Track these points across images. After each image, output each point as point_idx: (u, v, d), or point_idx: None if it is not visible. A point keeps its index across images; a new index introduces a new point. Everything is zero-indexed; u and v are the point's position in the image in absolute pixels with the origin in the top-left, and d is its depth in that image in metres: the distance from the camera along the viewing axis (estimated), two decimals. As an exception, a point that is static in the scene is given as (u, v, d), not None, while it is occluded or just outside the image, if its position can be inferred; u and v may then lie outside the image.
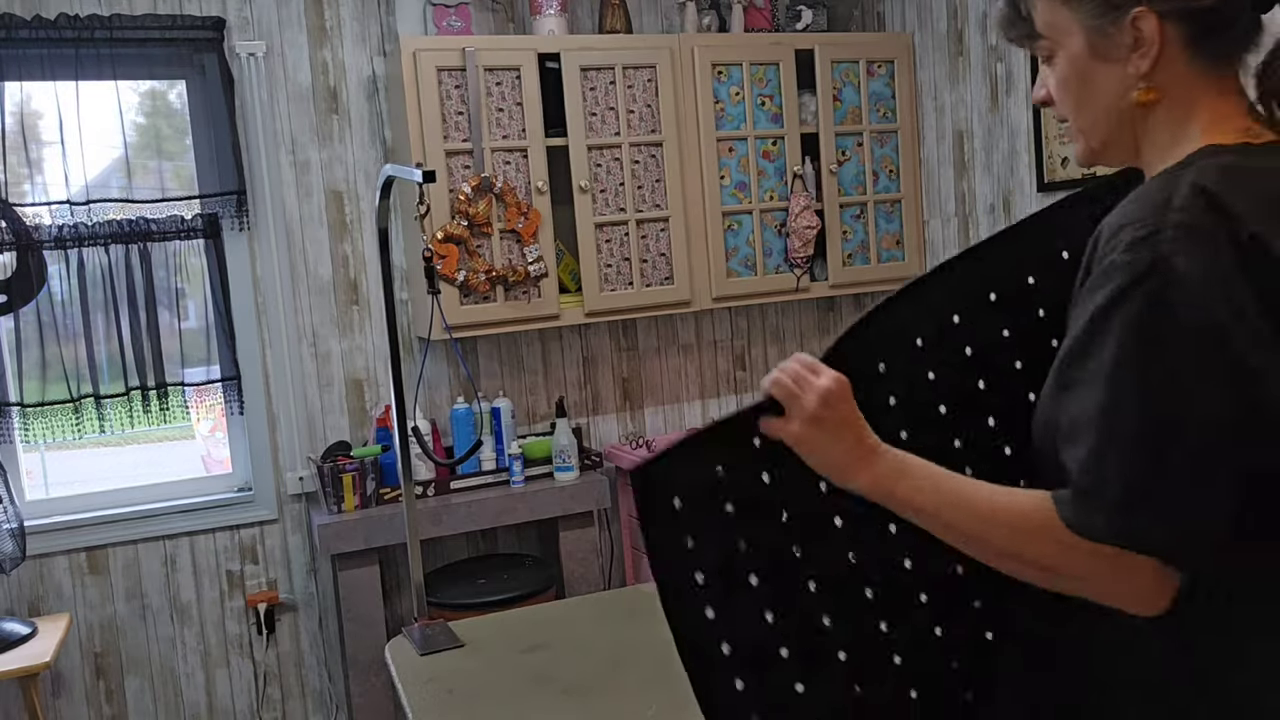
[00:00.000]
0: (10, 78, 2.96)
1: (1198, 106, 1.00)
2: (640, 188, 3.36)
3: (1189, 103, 1.00)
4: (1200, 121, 1.00)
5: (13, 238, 2.98)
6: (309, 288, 3.34)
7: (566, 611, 2.12)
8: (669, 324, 3.78)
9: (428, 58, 3.07)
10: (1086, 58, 1.02)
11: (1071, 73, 1.04)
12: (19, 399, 3.03)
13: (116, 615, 3.20)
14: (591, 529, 3.37)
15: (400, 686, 1.81)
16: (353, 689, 3.12)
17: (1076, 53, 1.03)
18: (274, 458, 3.33)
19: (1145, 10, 0.97)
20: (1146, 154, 1.03)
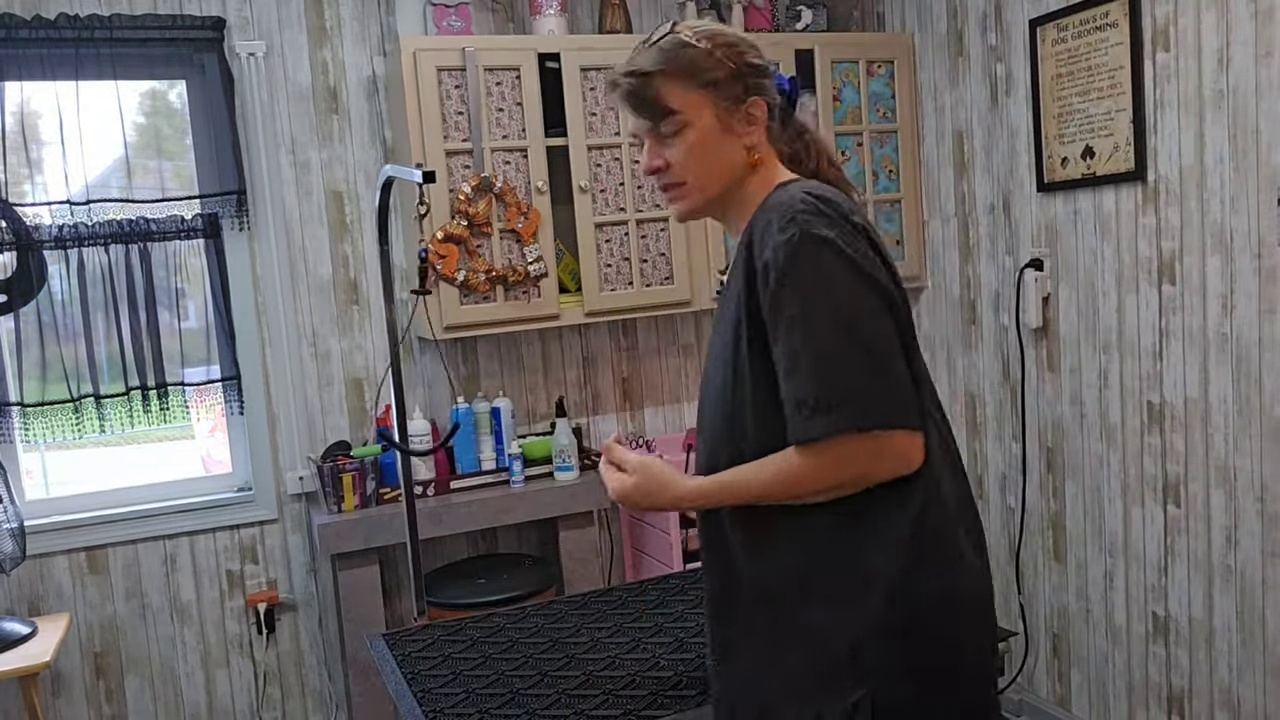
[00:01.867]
0: (10, 78, 2.96)
1: (772, 163, 1.44)
2: (640, 188, 3.36)
3: (770, 162, 1.44)
4: (776, 173, 1.43)
5: (13, 237, 2.98)
6: (309, 287, 3.34)
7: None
8: (669, 324, 3.78)
9: (428, 57, 3.07)
10: (717, 131, 1.39)
11: (700, 141, 1.39)
12: (19, 399, 3.03)
13: (116, 615, 3.20)
14: (591, 529, 3.37)
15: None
16: (353, 689, 3.12)
17: (708, 126, 1.39)
18: (274, 457, 3.33)
19: (759, 99, 1.41)
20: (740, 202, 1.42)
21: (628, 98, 1.40)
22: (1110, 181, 2.92)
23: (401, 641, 2.03)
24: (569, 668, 1.82)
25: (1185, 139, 2.70)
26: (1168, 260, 2.79)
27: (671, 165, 1.40)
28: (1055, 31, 3.06)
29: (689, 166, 1.40)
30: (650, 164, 1.42)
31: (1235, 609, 2.70)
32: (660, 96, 1.38)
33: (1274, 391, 2.55)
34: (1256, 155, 2.52)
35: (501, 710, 1.67)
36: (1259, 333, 2.57)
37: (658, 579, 2.29)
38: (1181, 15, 2.67)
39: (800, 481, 1.28)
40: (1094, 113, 2.95)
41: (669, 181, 1.42)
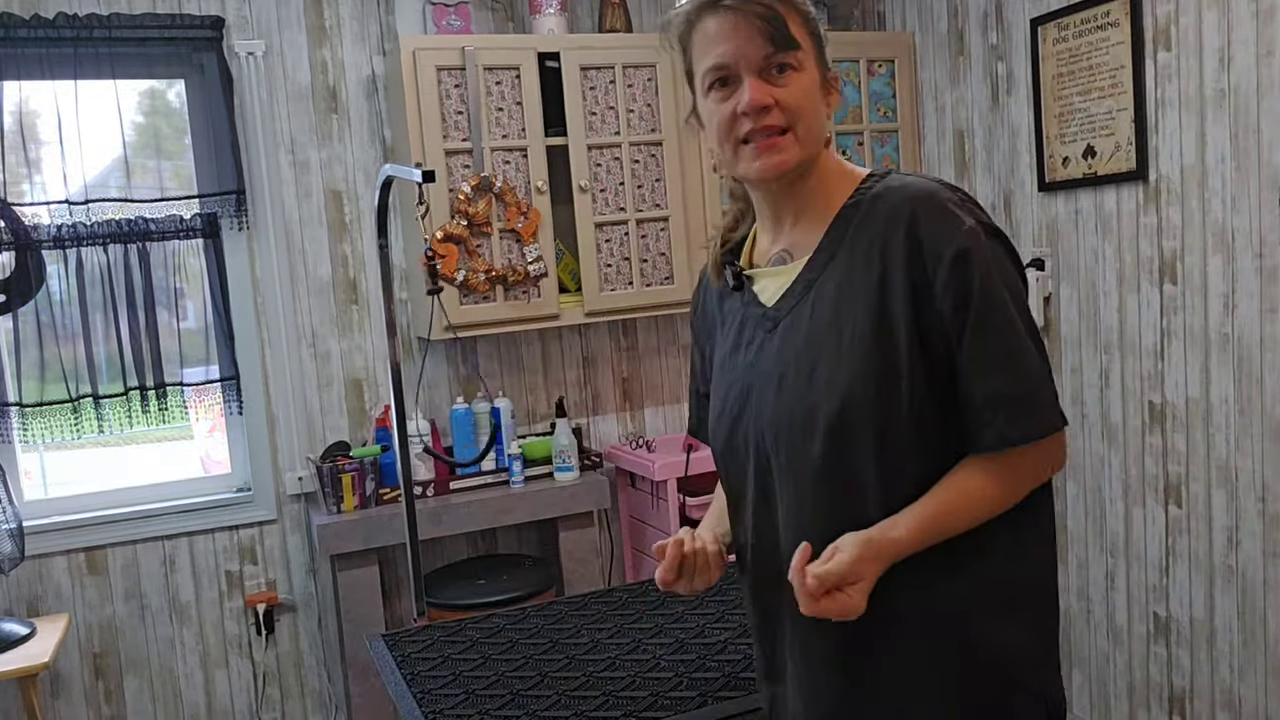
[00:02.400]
0: (9, 77, 2.95)
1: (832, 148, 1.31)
2: (640, 187, 3.36)
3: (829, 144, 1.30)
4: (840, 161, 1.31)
5: (11, 237, 2.98)
6: (308, 288, 3.34)
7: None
8: (669, 324, 3.78)
9: (427, 57, 3.06)
10: (817, 87, 1.24)
11: (811, 89, 1.23)
12: (18, 399, 3.03)
13: (115, 615, 3.20)
14: (591, 529, 3.36)
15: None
16: (352, 689, 3.12)
17: (814, 78, 1.24)
18: (273, 458, 3.32)
19: (837, 75, 1.30)
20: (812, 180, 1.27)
21: (758, 15, 1.19)
22: (1111, 181, 2.92)
23: (401, 642, 2.02)
24: (569, 669, 1.81)
25: (1186, 138, 2.70)
26: (1169, 260, 2.78)
27: (780, 105, 1.20)
28: (1056, 30, 3.05)
29: (800, 112, 1.21)
30: (758, 99, 1.19)
31: (1236, 609, 2.70)
32: (789, 24, 1.21)
33: (1275, 391, 2.54)
34: (1258, 154, 2.52)
35: (501, 711, 1.66)
36: (1260, 332, 2.56)
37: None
38: (1183, 14, 2.67)
39: (1006, 494, 1.17)
40: (1095, 112, 2.95)
41: (773, 123, 1.20)
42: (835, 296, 1.21)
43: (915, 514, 1.15)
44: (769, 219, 1.32)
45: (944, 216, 1.17)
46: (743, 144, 1.22)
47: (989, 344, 1.14)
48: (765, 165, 1.22)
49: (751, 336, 1.30)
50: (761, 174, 1.23)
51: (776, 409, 1.23)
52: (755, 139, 1.21)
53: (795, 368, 1.22)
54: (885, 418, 1.16)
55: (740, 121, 1.21)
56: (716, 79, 1.23)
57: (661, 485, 3.32)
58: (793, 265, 1.28)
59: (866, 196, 1.23)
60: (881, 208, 1.21)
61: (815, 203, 1.27)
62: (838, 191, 1.26)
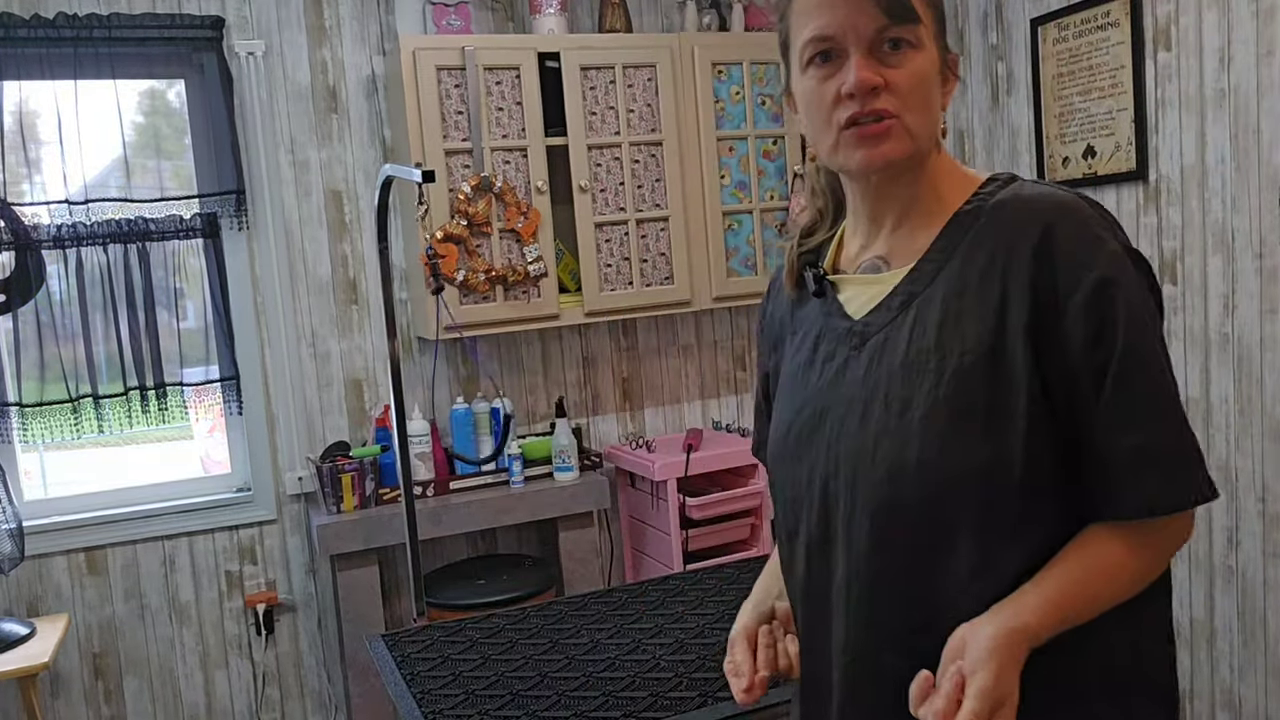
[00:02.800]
0: (9, 77, 2.95)
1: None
2: (640, 187, 3.36)
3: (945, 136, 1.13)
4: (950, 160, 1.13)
5: (11, 237, 2.98)
6: (308, 287, 3.34)
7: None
8: (669, 324, 3.78)
9: (427, 57, 3.06)
10: (935, 71, 1.07)
11: (927, 72, 1.05)
12: (17, 399, 3.02)
13: (115, 616, 3.19)
14: (591, 529, 3.36)
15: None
16: (352, 690, 3.12)
17: (934, 58, 1.06)
18: (273, 458, 3.32)
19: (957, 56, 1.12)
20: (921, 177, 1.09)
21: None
22: (1111, 181, 2.92)
23: (401, 642, 2.02)
24: (569, 669, 1.81)
25: (1186, 138, 2.69)
26: (1169, 260, 2.78)
27: (891, 87, 1.02)
28: (1056, 31, 3.05)
29: (914, 97, 1.03)
30: (866, 79, 1.01)
31: (1236, 609, 2.70)
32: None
33: (1275, 391, 2.54)
34: (1258, 155, 2.52)
35: (501, 712, 1.66)
36: (1260, 332, 2.56)
37: (658, 580, 2.29)
38: (1183, 14, 2.67)
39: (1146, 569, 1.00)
40: (1095, 112, 2.95)
41: (882, 108, 1.02)
42: (941, 317, 1.03)
43: (1044, 595, 0.95)
44: (864, 219, 1.14)
45: (1084, 235, 0.99)
46: (844, 130, 1.04)
47: (1135, 394, 0.96)
48: (869, 156, 1.04)
49: (831, 352, 1.12)
50: (864, 165, 1.05)
51: (857, 445, 1.05)
52: (860, 123, 1.03)
53: (885, 397, 1.04)
54: (993, 471, 0.97)
55: (843, 104, 1.03)
56: (817, 53, 1.05)
57: (661, 485, 3.32)
58: (890, 274, 1.10)
59: (988, 204, 1.06)
60: (1007, 217, 1.03)
61: (923, 205, 1.09)
62: (951, 194, 1.09)
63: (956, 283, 1.03)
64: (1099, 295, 0.96)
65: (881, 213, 1.12)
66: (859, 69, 1.02)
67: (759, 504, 3.42)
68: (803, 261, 1.21)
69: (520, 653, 1.91)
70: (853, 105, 1.03)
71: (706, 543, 3.38)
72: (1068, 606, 0.95)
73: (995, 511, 0.98)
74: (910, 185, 1.09)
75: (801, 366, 1.16)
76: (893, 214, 1.11)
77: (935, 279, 1.05)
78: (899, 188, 1.09)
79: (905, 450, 1.00)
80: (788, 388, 1.19)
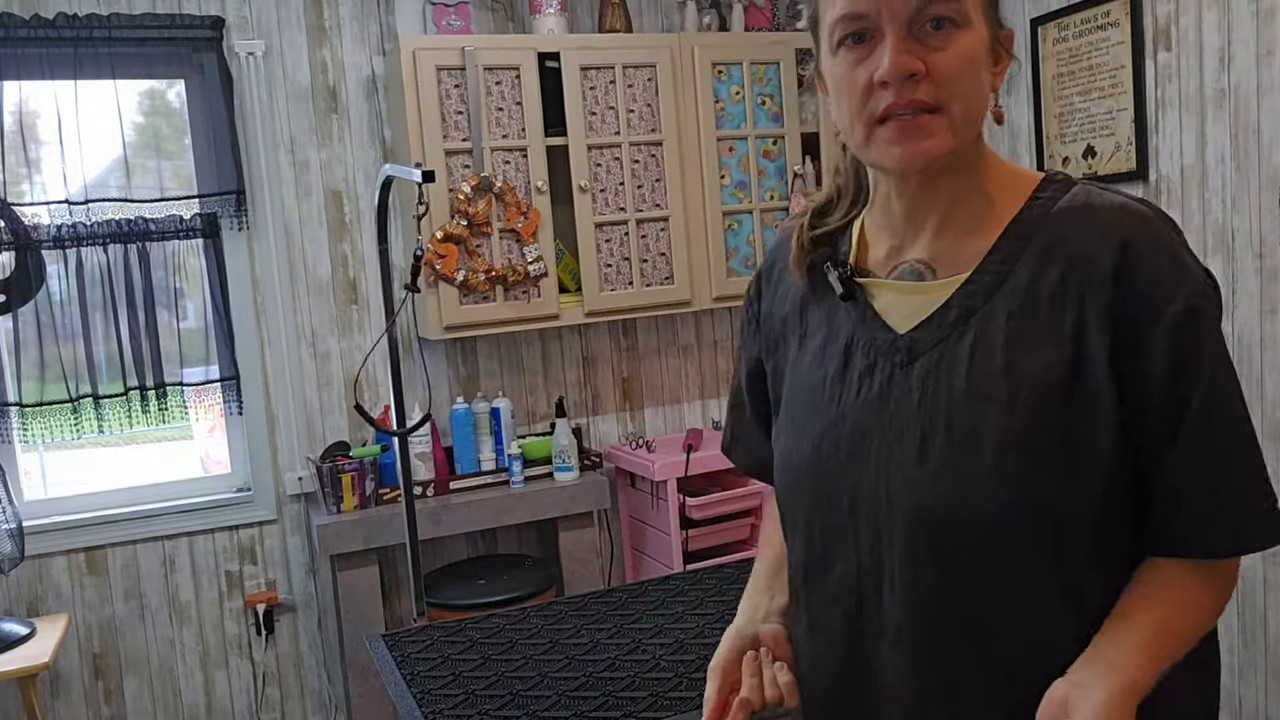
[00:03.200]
0: (9, 77, 2.95)
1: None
2: (640, 187, 3.36)
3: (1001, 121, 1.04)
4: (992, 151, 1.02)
5: (11, 237, 2.98)
6: (308, 287, 3.34)
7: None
8: (669, 324, 3.78)
9: (427, 57, 3.06)
10: (985, 50, 0.94)
11: (974, 54, 0.92)
12: (17, 399, 3.02)
13: (115, 616, 3.19)
14: (591, 529, 3.36)
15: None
16: (352, 690, 3.12)
17: (983, 36, 0.94)
18: (273, 458, 3.32)
19: (1011, 32, 0.99)
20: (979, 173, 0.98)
21: None
22: (1112, 181, 2.92)
23: (401, 642, 2.02)
24: (569, 669, 1.81)
25: (1187, 138, 2.70)
26: (1169, 260, 2.78)
27: (932, 74, 0.90)
28: (1056, 31, 3.05)
29: (960, 84, 0.91)
30: (904, 63, 0.89)
31: (1236, 610, 2.70)
32: None
33: (1275, 392, 2.54)
34: (1258, 155, 2.52)
35: (501, 712, 1.66)
36: (1260, 332, 2.56)
37: (658, 580, 2.29)
38: (1183, 14, 2.67)
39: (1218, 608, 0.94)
40: (1095, 112, 2.95)
41: (921, 98, 0.90)
42: (1007, 339, 0.92)
43: (1139, 643, 0.88)
44: (899, 218, 1.01)
45: (1167, 257, 0.90)
46: (878, 123, 0.92)
47: (1216, 431, 0.90)
48: (908, 153, 0.92)
49: (870, 366, 0.99)
50: (903, 163, 0.93)
51: (917, 476, 0.93)
52: (896, 116, 0.91)
53: (947, 426, 0.92)
54: (1072, 506, 0.90)
55: (877, 94, 0.91)
56: (849, 33, 0.92)
57: (661, 485, 3.32)
58: (937, 284, 0.98)
59: (1052, 209, 0.95)
60: (1078, 230, 0.92)
61: (970, 205, 0.98)
62: (1001, 195, 0.98)
63: (1023, 300, 0.92)
64: (1184, 327, 0.89)
65: (921, 213, 0.99)
66: (895, 52, 0.89)
67: (759, 504, 3.42)
68: (819, 252, 1.08)
69: (520, 653, 1.91)
70: (888, 95, 0.91)
71: (706, 543, 3.39)
72: (1163, 652, 0.89)
73: (1074, 547, 0.91)
74: (956, 183, 0.97)
75: (829, 378, 1.02)
76: (935, 214, 0.99)
77: (995, 294, 0.94)
78: (942, 185, 0.97)
79: (977, 486, 0.90)
80: (806, 399, 1.05)
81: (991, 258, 0.95)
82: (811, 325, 1.07)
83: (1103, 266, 0.90)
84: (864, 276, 1.04)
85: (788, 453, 1.06)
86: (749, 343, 1.19)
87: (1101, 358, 0.89)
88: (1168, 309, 0.88)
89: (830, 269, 1.05)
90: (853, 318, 1.02)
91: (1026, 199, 0.97)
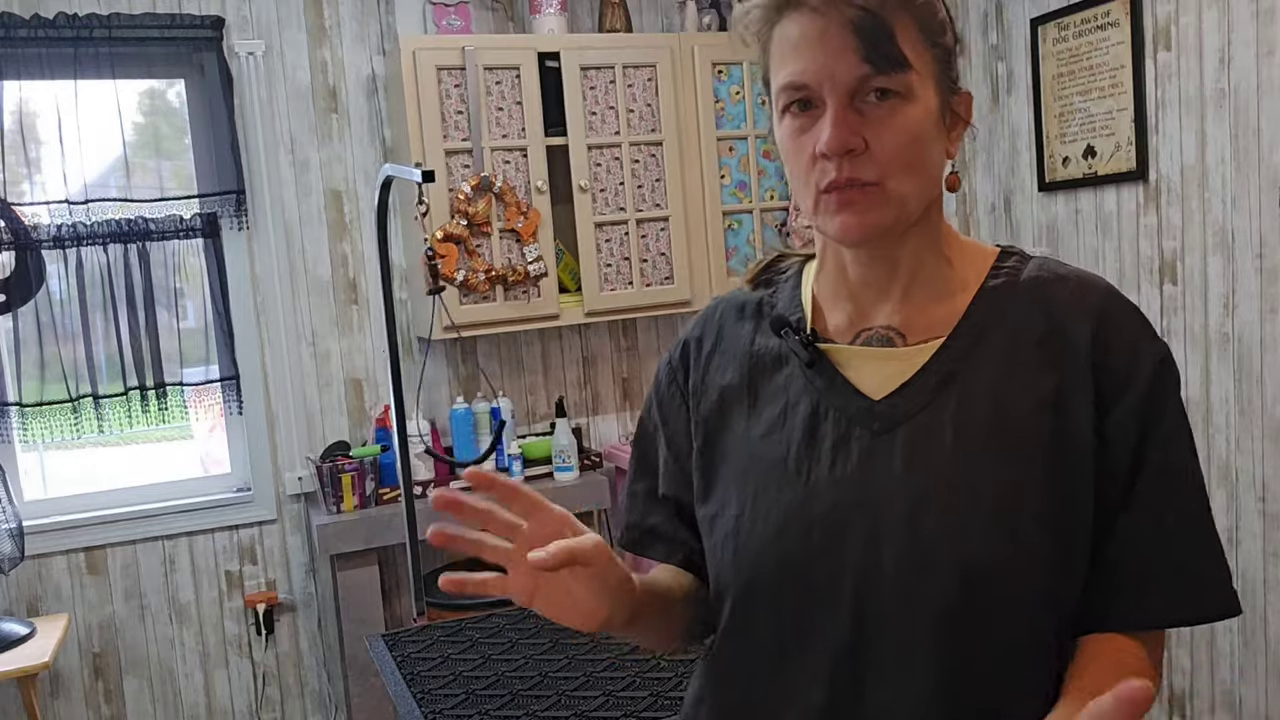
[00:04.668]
0: (9, 77, 2.95)
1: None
2: (640, 187, 3.36)
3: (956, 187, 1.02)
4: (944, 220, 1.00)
5: (11, 237, 2.98)
6: (308, 287, 3.34)
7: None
8: (669, 324, 3.78)
9: (427, 57, 3.06)
10: (935, 120, 0.92)
11: (921, 126, 0.90)
12: (17, 399, 3.02)
13: (115, 615, 3.19)
14: (592, 529, 3.36)
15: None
16: (352, 689, 3.12)
17: (931, 109, 0.91)
18: (273, 458, 3.32)
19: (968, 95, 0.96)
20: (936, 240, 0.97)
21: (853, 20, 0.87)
22: (1112, 181, 2.92)
23: (401, 642, 2.02)
24: (569, 669, 1.81)
25: (1187, 138, 2.70)
26: (1169, 260, 2.78)
27: (872, 149, 0.89)
28: (1056, 30, 3.05)
29: (899, 158, 0.89)
30: (842, 138, 0.88)
31: (1237, 609, 2.70)
32: (898, 33, 0.88)
33: (1276, 392, 2.54)
34: (1258, 154, 2.52)
35: (501, 711, 1.66)
36: (1260, 333, 2.56)
37: (658, 580, 2.28)
38: (1183, 14, 2.67)
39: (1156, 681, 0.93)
40: (1095, 112, 2.95)
41: (859, 176, 0.89)
42: (994, 400, 0.91)
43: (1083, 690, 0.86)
44: (856, 284, 0.99)
45: (1138, 321, 0.93)
46: (822, 193, 0.91)
47: (1174, 488, 0.91)
48: (847, 225, 0.91)
49: (844, 436, 0.94)
50: (842, 235, 0.92)
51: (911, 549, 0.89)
52: (836, 189, 0.90)
53: (941, 494, 0.89)
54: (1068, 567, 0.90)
55: (819, 166, 0.90)
56: (793, 101, 0.92)
57: (661, 485, 3.32)
58: (912, 349, 0.95)
59: (1020, 277, 0.96)
60: (1054, 296, 0.94)
61: (932, 272, 0.97)
62: (962, 264, 0.98)
63: (1003, 364, 0.92)
64: (1156, 384, 0.91)
65: (881, 280, 0.97)
66: (834, 126, 0.88)
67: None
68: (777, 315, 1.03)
69: (520, 653, 1.91)
70: (829, 169, 0.90)
71: (706, 543, 3.38)
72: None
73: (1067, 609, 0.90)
74: (914, 252, 0.96)
75: (793, 452, 0.96)
76: (898, 283, 0.97)
77: (974, 355, 0.93)
78: (900, 255, 0.96)
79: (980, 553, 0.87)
80: (761, 473, 0.98)
81: (965, 323, 0.95)
82: (764, 395, 1.01)
83: (1081, 333, 0.91)
84: (823, 343, 1.00)
85: (739, 533, 0.98)
86: (672, 417, 1.09)
87: (1087, 418, 0.90)
88: (1143, 368, 0.90)
89: (789, 334, 1.00)
90: (818, 385, 0.97)
91: (989, 268, 0.98)
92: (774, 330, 1.02)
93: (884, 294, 0.98)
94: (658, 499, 1.11)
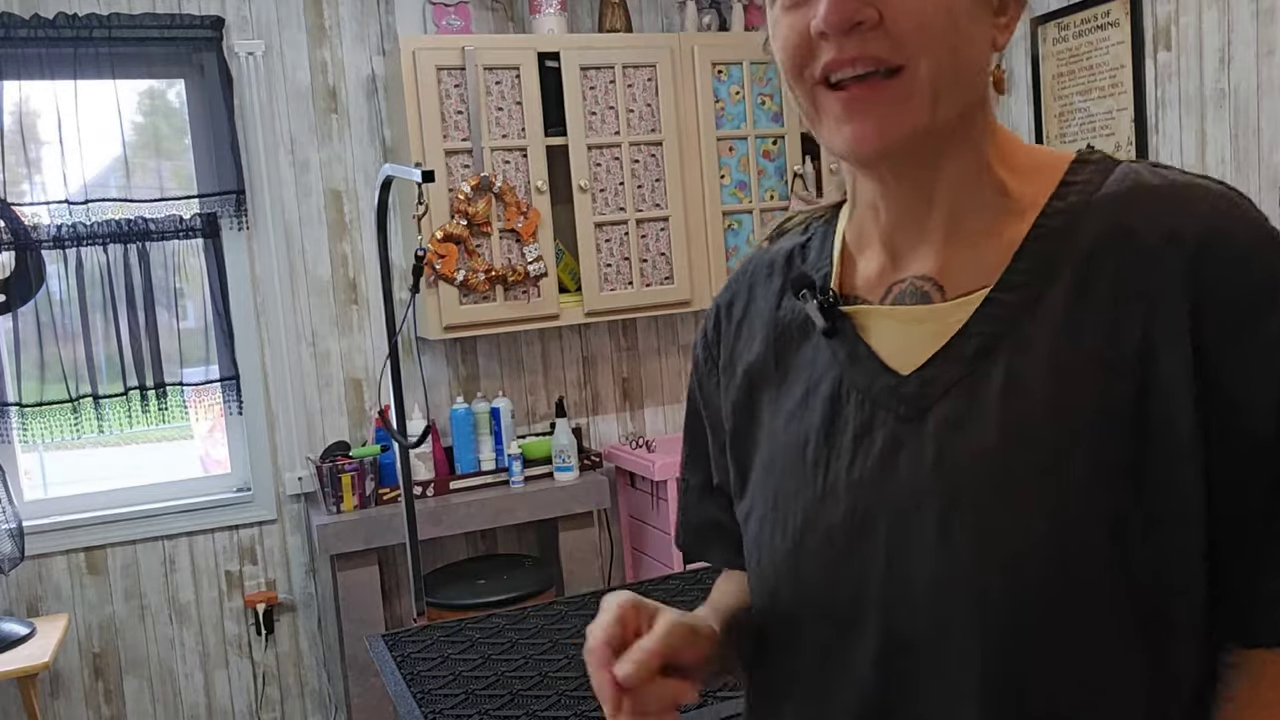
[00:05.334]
0: (9, 77, 2.95)
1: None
2: (640, 187, 3.36)
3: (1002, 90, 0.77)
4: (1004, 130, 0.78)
5: (11, 237, 2.98)
6: (308, 287, 3.34)
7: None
8: (669, 324, 3.78)
9: (427, 57, 3.06)
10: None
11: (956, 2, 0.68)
12: (17, 399, 3.02)
13: (115, 616, 3.19)
14: (591, 529, 3.36)
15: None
16: (352, 689, 3.12)
17: None
18: (273, 458, 3.32)
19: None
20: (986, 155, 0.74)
21: None
22: (1111, 181, 2.92)
23: (401, 642, 2.02)
24: (569, 669, 1.81)
25: (1187, 138, 2.70)
26: (1169, 260, 2.79)
27: (888, 20, 0.66)
28: (1056, 30, 3.05)
29: (926, 31, 0.67)
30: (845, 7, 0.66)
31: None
32: None
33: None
34: (1258, 154, 2.52)
35: (501, 711, 1.66)
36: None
37: (658, 579, 2.29)
38: (1183, 14, 2.67)
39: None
40: (1095, 112, 2.95)
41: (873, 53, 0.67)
42: (1052, 368, 0.68)
43: None
44: (889, 224, 0.77)
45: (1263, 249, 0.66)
46: (820, 87, 0.70)
47: None
48: (859, 133, 0.69)
49: (866, 423, 0.74)
50: (854, 147, 0.69)
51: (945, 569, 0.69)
52: (842, 82, 0.68)
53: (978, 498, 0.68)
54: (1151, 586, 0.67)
55: (818, 47, 0.68)
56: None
57: (661, 485, 3.32)
58: (950, 305, 0.73)
59: (1093, 198, 0.71)
60: (1133, 219, 0.68)
61: (981, 199, 0.74)
62: (1021, 184, 0.74)
63: (1065, 321, 0.68)
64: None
65: (916, 215, 0.75)
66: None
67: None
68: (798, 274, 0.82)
69: (520, 653, 1.91)
70: (829, 48, 0.68)
71: (706, 543, 3.38)
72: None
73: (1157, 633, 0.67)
74: (955, 173, 0.73)
75: (812, 442, 0.77)
76: (936, 216, 0.74)
77: (1027, 315, 0.70)
78: (938, 178, 0.73)
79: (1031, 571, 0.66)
80: (782, 469, 0.79)
81: (1017, 267, 0.71)
82: (793, 371, 0.81)
83: (1173, 267, 0.66)
84: (851, 303, 0.78)
85: (761, 544, 0.80)
86: (710, 398, 0.89)
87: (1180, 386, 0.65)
88: (1272, 318, 0.65)
89: (807, 296, 0.79)
90: (840, 358, 0.77)
91: (1055, 187, 0.74)
92: (793, 291, 0.81)
93: (921, 233, 0.75)
94: (711, 491, 0.92)
